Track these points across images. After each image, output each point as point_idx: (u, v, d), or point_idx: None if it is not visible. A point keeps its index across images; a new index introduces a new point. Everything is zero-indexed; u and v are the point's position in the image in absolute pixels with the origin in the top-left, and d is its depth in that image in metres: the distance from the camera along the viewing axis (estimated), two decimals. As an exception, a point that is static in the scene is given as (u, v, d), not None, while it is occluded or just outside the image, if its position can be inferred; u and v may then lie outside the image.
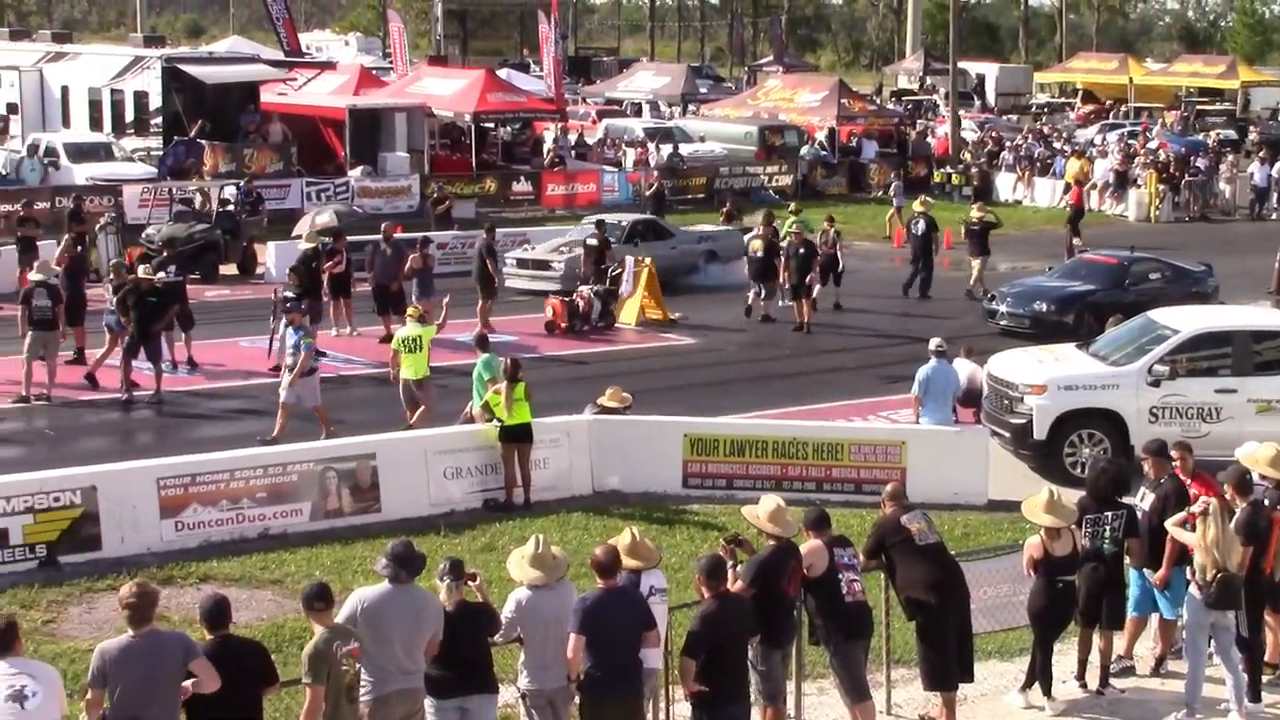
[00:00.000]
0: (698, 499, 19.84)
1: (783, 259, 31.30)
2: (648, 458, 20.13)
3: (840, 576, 12.75)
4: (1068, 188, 48.98)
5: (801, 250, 31.01)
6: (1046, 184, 51.65)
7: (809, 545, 12.80)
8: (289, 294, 26.03)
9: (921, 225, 34.50)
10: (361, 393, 25.35)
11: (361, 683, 10.84)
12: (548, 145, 52.65)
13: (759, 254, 31.73)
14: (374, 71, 57.99)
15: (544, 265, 33.53)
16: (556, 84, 53.06)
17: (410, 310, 23.46)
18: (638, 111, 66.66)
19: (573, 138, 55.04)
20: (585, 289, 30.63)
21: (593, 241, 31.95)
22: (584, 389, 22.83)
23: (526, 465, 19.41)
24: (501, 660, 12.00)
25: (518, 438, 19.31)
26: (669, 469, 20.15)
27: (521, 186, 47.61)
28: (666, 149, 51.44)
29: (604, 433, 20.21)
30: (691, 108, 67.25)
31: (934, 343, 21.29)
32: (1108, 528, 14.08)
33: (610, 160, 52.70)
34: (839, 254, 33.31)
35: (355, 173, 45.22)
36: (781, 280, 31.50)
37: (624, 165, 51.34)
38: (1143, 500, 14.68)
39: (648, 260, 31.52)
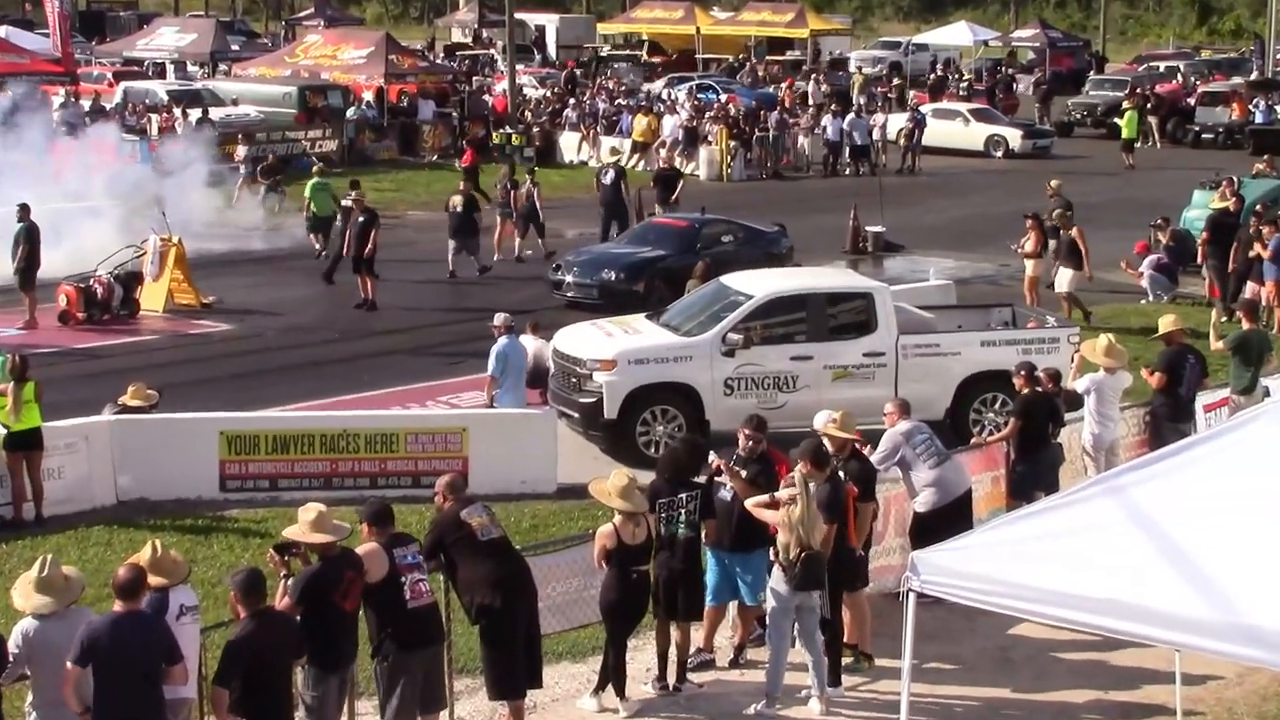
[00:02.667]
0: (238, 503, 19.55)
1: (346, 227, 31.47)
2: (179, 460, 19.67)
3: (404, 579, 12.58)
4: (636, 146, 50.02)
5: (362, 219, 30.72)
6: (612, 143, 52.26)
7: (366, 548, 12.58)
8: None
9: (611, 175, 36.87)
10: None
11: None
12: (56, 111, 50.85)
13: (458, 209, 33.12)
14: None
15: None
16: (64, 42, 51.42)
17: None
18: (161, 73, 64.97)
19: (86, 103, 53.32)
20: (104, 273, 29.52)
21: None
22: (104, 386, 22.21)
23: (37, 476, 18.73)
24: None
25: (26, 445, 18.62)
26: (204, 471, 19.74)
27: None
28: (195, 114, 50.31)
29: (127, 434, 19.65)
30: (222, 67, 65.95)
31: (500, 318, 21.34)
32: (682, 510, 14.28)
33: (132, 128, 51.23)
34: (538, 207, 35.70)
35: None
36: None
37: (149, 133, 49.97)
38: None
39: (176, 238, 30.61)
